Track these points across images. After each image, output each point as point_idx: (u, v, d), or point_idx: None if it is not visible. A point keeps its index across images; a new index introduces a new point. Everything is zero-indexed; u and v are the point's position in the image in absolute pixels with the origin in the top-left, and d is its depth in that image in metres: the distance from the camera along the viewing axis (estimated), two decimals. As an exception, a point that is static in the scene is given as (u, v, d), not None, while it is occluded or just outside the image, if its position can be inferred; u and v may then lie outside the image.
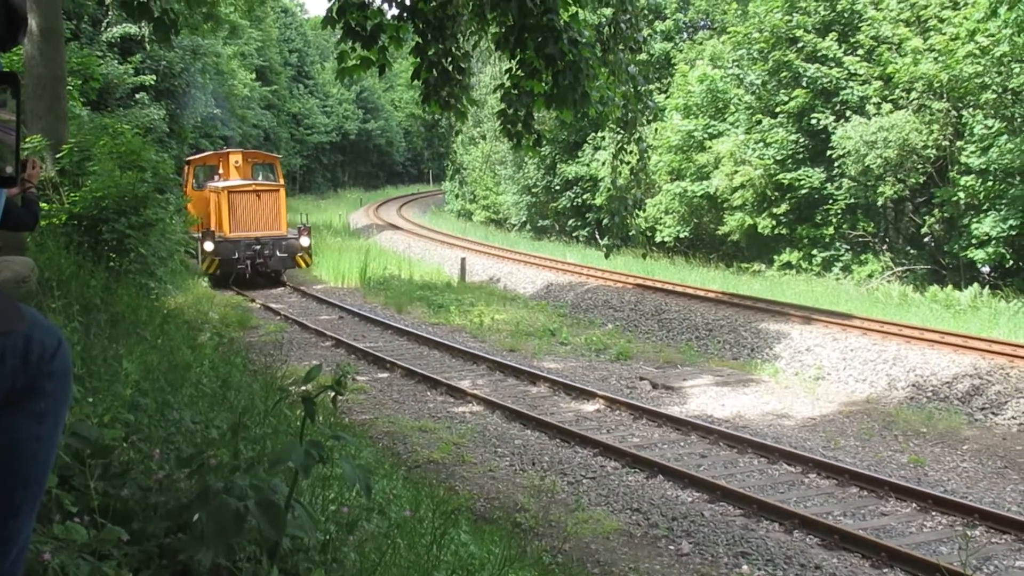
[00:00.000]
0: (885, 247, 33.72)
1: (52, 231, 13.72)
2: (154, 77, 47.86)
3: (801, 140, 35.17)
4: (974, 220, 29.12)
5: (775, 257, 35.56)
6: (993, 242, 28.19)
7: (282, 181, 33.58)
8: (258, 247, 29.51)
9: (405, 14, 10.44)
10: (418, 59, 10.43)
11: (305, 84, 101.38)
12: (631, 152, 12.13)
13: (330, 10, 10.39)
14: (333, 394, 4.14)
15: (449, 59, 10.33)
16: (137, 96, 46.70)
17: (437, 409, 16.17)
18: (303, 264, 30.49)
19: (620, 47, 11.13)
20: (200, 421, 6.16)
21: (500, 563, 7.61)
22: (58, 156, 15.36)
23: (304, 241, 30.36)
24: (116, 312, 11.71)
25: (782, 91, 35.94)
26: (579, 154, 47.76)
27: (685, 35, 50.15)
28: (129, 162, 16.61)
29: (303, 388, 4.22)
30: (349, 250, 38.02)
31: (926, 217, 32.50)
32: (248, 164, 32.99)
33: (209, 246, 29.01)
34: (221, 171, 32.34)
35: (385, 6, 10.64)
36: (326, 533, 4.63)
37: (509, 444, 14.11)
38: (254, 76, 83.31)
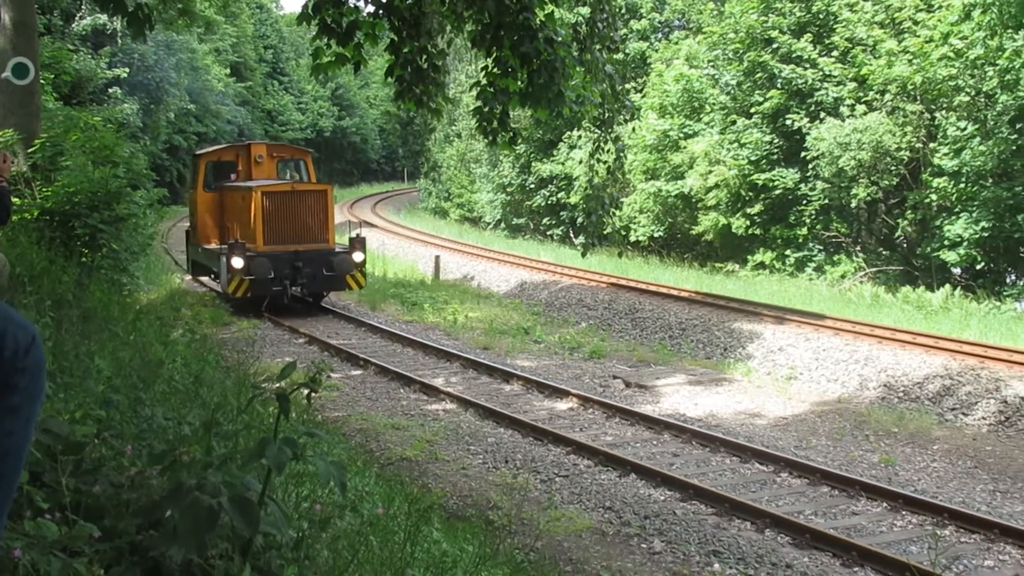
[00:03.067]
0: (858, 248, 33.89)
1: (24, 226, 13.65)
2: (127, 70, 47.64)
3: (775, 141, 35.28)
4: (946, 222, 29.28)
5: (749, 257, 35.66)
6: (965, 244, 28.35)
7: (315, 181, 27.95)
8: (299, 264, 23.36)
9: (381, 11, 10.43)
10: (393, 56, 10.43)
11: (280, 80, 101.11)
12: (608, 151, 12.15)
13: (305, 6, 10.37)
14: (308, 391, 4.14)
15: (424, 56, 10.33)
16: (110, 91, 46.51)
17: (410, 406, 16.16)
18: (354, 285, 24.34)
19: (597, 46, 11.14)
20: (172, 418, 6.14)
21: (473, 561, 7.62)
22: (30, 151, 15.27)
23: (357, 256, 24.22)
24: (88, 308, 11.66)
25: (757, 92, 36.03)
26: (554, 153, 47.78)
27: (661, 35, 50.22)
28: (102, 157, 16.54)
29: (277, 385, 4.20)
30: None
31: (899, 219, 32.67)
32: (273, 160, 27.20)
33: (238, 263, 22.72)
34: (240, 168, 26.75)
35: (361, 3, 10.64)
36: (299, 530, 4.61)
37: (482, 442, 14.11)
38: (228, 72, 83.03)
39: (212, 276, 26.82)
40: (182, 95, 62.73)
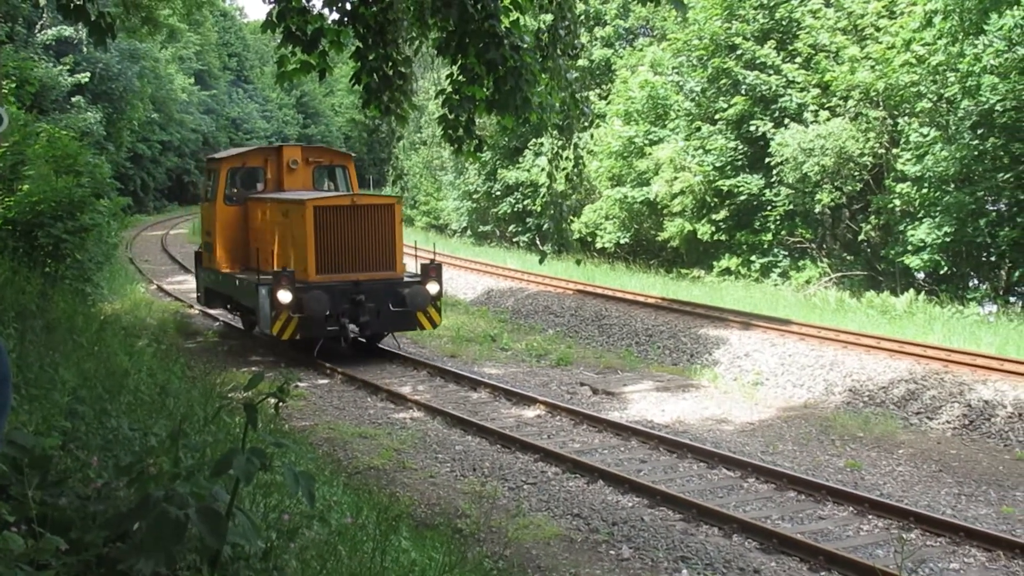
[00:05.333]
0: (823, 253, 34.05)
1: (-14, 236, 13.55)
2: (88, 75, 47.38)
3: (740, 147, 35.40)
4: (909, 227, 29.45)
5: (714, 263, 35.76)
6: (928, 248, 28.52)
7: (358, 190, 23.20)
8: (360, 297, 19.08)
9: (346, 19, 10.40)
10: (359, 63, 10.41)
11: (244, 88, 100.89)
12: (567, 158, 12.15)
13: (270, 14, 10.32)
14: (275, 401, 4.13)
15: (390, 64, 10.32)
16: (74, 99, 46.25)
17: (378, 415, 16.14)
18: (427, 325, 19.93)
19: (559, 53, 11.16)
20: (139, 429, 6.11)
21: (441, 569, 7.61)
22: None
23: (432, 288, 19.71)
24: (52, 318, 11.59)
25: (721, 98, 36.15)
26: (520, 160, 47.83)
27: (625, 42, 50.35)
28: (65, 166, 16.46)
29: (244, 395, 4.19)
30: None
31: (863, 224, 32.86)
32: (309, 167, 22.59)
33: (286, 296, 18.43)
34: (269, 175, 22.21)
35: (326, 11, 10.60)
36: (268, 541, 4.60)
37: (450, 450, 14.11)
38: (192, 80, 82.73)
39: (228, 307, 23.32)
40: (145, 104, 62.46)
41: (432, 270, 20.05)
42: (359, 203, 19.70)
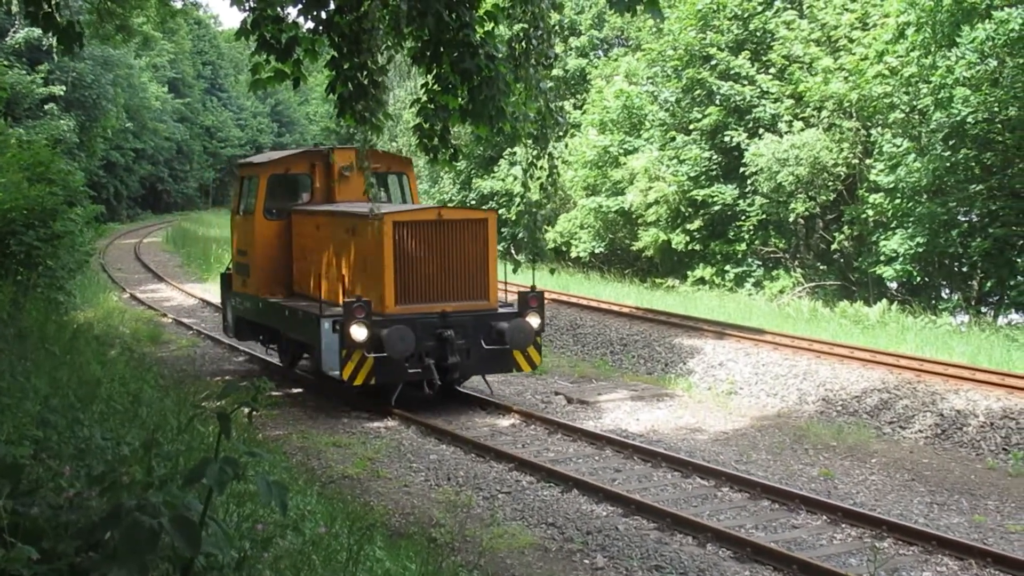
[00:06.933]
0: (796, 263, 34.21)
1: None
2: (63, 88, 47.21)
3: (714, 157, 35.55)
4: (882, 237, 29.63)
5: (689, 273, 35.87)
6: (901, 259, 28.70)
7: (418, 201, 20.69)
8: (448, 333, 15.96)
9: (321, 27, 10.39)
10: (334, 72, 10.40)
11: (219, 96, 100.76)
12: (541, 167, 12.11)
13: (244, 22, 10.30)
14: (248, 410, 4.11)
15: (365, 73, 10.32)
16: (47, 107, 46.06)
17: (351, 424, 16.10)
18: (526, 366, 16.92)
19: (532, 63, 11.18)
20: (111, 438, 6.08)
21: (416, 579, 7.60)
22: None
23: (534, 321, 16.69)
24: (24, 327, 11.53)
25: (696, 108, 36.29)
26: (495, 169, 47.88)
27: (600, 52, 50.49)
28: (38, 174, 16.39)
29: (218, 404, 4.18)
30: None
31: (836, 234, 33.05)
32: (362, 174, 18.44)
33: (360, 333, 15.37)
34: (317, 184, 19.03)
35: (300, 19, 10.59)
36: (241, 550, 4.59)
37: (424, 459, 14.09)
38: (166, 88, 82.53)
39: (261, 338, 20.06)
40: (119, 112, 62.24)
41: (533, 299, 16.97)
42: (447, 218, 16.57)
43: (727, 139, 34.53)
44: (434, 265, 16.27)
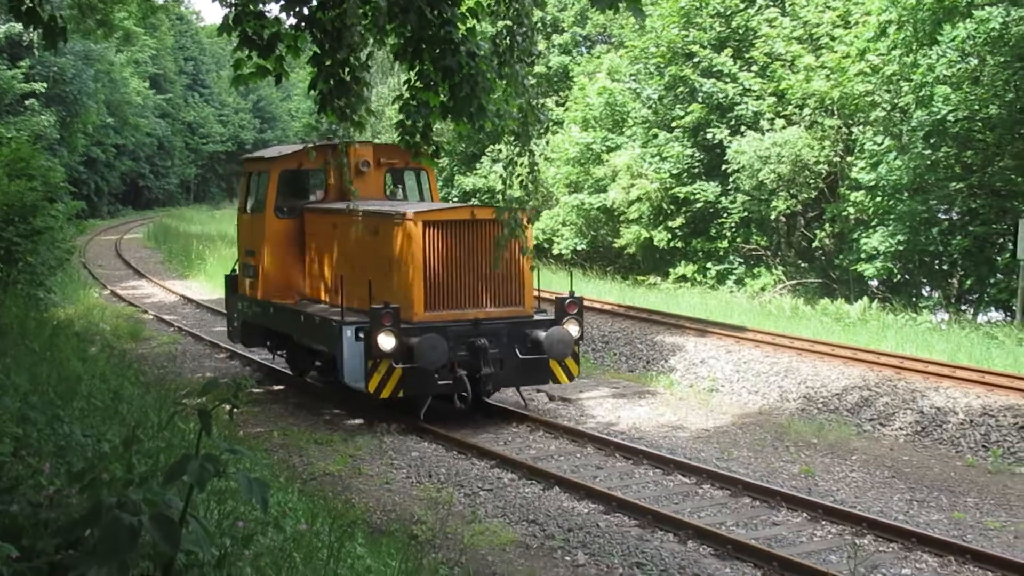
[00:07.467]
0: (777, 260, 34.26)
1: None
2: (44, 84, 47.05)
3: (696, 154, 35.53)
4: (863, 235, 29.70)
5: (671, 270, 35.87)
6: (881, 256, 28.77)
7: (438, 199, 19.47)
8: (481, 342, 15.01)
9: (303, 23, 10.37)
10: (316, 69, 10.38)
11: (200, 92, 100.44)
12: (522, 164, 12.03)
13: (226, 18, 10.27)
14: (229, 407, 4.11)
15: (347, 69, 10.30)
16: (27, 102, 45.89)
17: (333, 421, 16.08)
18: (563, 378, 15.95)
19: (515, 59, 11.18)
20: (92, 435, 6.07)
21: (397, 576, 7.60)
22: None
23: (573, 329, 15.83)
24: (4, 323, 11.49)
25: (678, 106, 36.27)
26: (477, 166, 47.82)
27: (583, 49, 50.47)
28: (18, 170, 16.32)
29: (198, 401, 4.17)
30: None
31: (817, 231, 33.10)
32: (380, 170, 18.27)
33: (388, 342, 14.39)
34: (331, 180, 18.08)
35: (283, 15, 10.57)
36: (222, 548, 4.58)
37: (406, 456, 14.09)
38: (148, 84, 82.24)
39: (269, 344, 19.01)
40: (100, 107, 62.00)
41: (571, 305, 16.15)
42: (480, 217, 15.37)
43: (709, 136, 34.53)
44: (466, 268, 15.27)
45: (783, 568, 9.84)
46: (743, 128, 33.57)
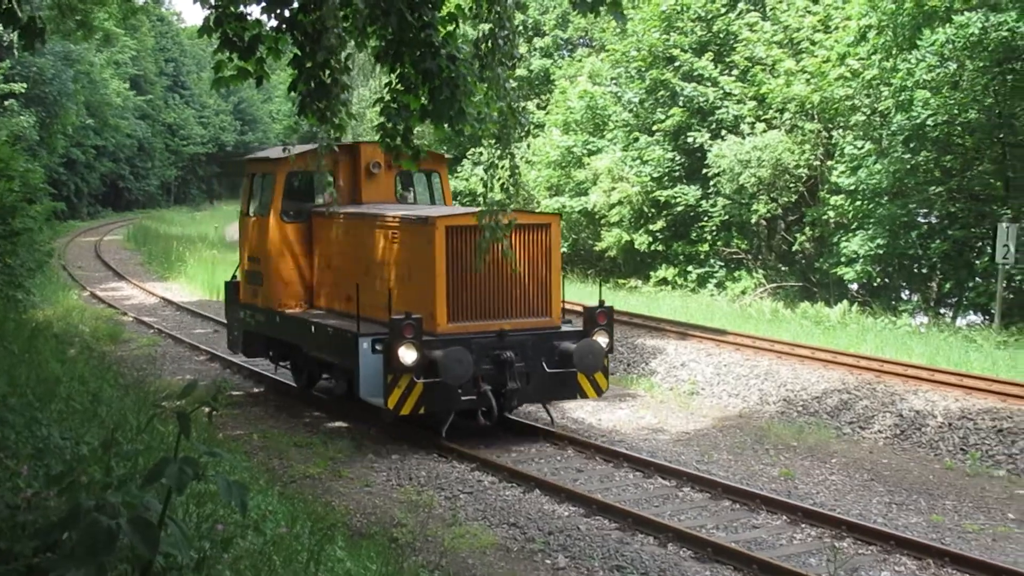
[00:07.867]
0: (758, 264, 34.35)
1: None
2: (24, 85, 46.86)
3: (677, 158, 35.60)
4: (843, 239, 29.80)
5: (651, 273, 35.92)
6: (861, 260, 28.88)
7: (451, 202, 18.91)
8: (507, 355, 14.16)
9: (284, 25, 10.36)
10: (297, 71, 10.36)
11: (181, 94, 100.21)
12: (503, 168, 11.95)
13: (207, 19, 10.26)
14: (209, 410, 4.10)
15: (327, 72, 10.29)
16: (6, 103, 45.69)
17: (313, 423, 16.05)
18: (592, 393, 15.11)
19: (497, 62, 11.18)
20: (70, 437, 6.05)
21: (377, 579, 7.58)
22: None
23: (602, 340, 15.06)
24: (-18, 325, 11.43)
25: (659, 109, 36.34)
26: (458, 169, 47.82)
27: (564, 52, 50.52)
28: (-3, 171, 16.25)
29: (178, 403, 4.16)
30: (224, 263, 37.39)
31: (797, 235, 33.22)
32: (392, 172, 17.53)
33: (409, 355, 13.48)
34: (341, 181, 17.10)
35: (263, 17, 10.55)
36: (200, 551, 4.57)
37: (386, 458, 14.07)
38: (128, 85, 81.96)
39: (271, 354, 18.25)
40: (80, 108, 61.77)
41: (601, 315, 15.42)
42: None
43: (690, 140, 34.60)
44: (491, 277, 14.48)
45: (763, 571, 9.86)
46: (724, 132, 33.64)
